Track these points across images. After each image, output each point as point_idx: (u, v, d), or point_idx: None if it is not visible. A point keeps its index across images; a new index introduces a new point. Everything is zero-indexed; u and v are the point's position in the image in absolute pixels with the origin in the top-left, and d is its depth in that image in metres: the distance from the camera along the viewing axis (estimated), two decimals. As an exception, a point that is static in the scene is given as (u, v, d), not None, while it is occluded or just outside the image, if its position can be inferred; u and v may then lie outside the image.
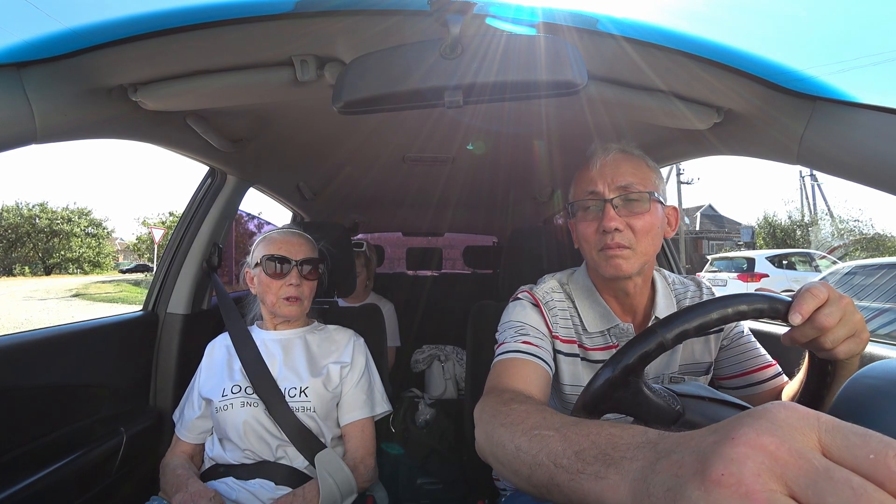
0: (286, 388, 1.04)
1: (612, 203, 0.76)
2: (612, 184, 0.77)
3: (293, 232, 1.15)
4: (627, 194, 0.77)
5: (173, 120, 0.99)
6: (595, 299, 0.85)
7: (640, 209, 0.77)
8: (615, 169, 0.78)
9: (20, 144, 0.67)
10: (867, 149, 0.66)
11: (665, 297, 0.86)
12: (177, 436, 1.10)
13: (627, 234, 0.76)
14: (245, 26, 0.68)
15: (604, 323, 0.84)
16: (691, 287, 0.91)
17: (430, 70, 0.62)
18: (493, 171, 1.87)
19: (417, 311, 2.69)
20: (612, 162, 0.79)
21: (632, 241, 0.76)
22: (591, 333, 0.84)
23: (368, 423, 1.11)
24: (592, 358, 0.85)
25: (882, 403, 0.37)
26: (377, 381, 1.18)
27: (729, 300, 0.54)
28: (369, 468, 1.06)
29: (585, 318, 0.85)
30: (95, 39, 0.65)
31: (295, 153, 1.52)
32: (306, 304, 1.13)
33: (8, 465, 0.87)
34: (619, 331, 0.83)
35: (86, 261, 26.24)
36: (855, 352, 0.55)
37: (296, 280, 1.08)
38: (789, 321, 0.54)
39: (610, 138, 1.20)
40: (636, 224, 0.76)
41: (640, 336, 0.54)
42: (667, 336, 0.52)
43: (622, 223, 0.76)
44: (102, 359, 1.13)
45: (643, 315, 0.85)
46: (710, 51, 0.69)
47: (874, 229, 18.11)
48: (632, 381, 0.54)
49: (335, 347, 1.15)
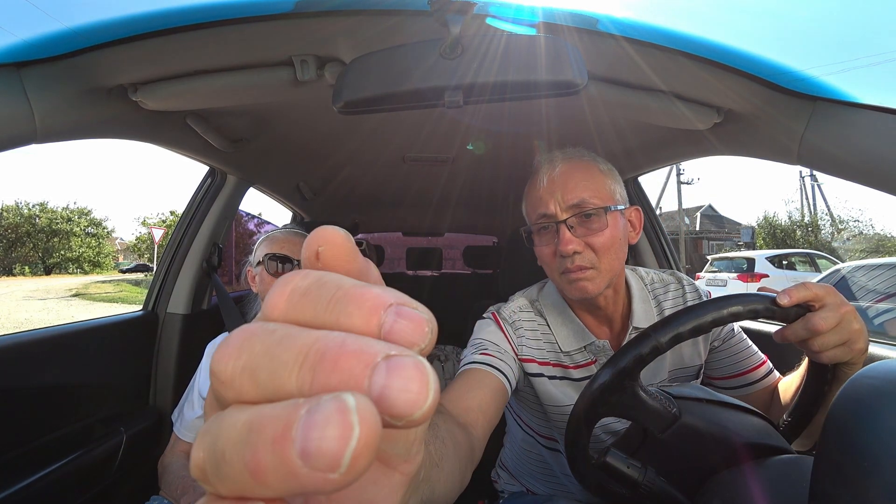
0: None
1: (567, 224, 0.70)
2: (563, 203, 0.71)
3: (295, 232, 1.16)
4: (582, 211, 0.70)
5: (173, 120, 0.99)
6: (567, 316, 0.80)
7: (597, 226, 0.71)
8: (564, 185, 0.72)
9: (20, 144, 0.66)
10: (867, 149, 0.66)
11: (642, 301, 0.80)
12: (176, 435, 1.10)
13: (588, 254, 0.70)
14: (245, 26, 0.68)
15: (578, 341, 0.79)
16: (672, 284, 0.85)
17: (430, 70, 0.62)
18: (493, 171, 1.87)
19: None
20: (561, 176, 0.72)
21: (594, 261, 0.71)
22: (569, 352, 0.79)
23: None
24: (575, 376, 0.79)
25: (882, 403, 0.37)
26: None
27: (723, 302, 0.54)
28: None
29: (559, 336, 0.79)
30: (95, 39, 0.65)
31: (295, 153, 1.52)
32: None
33: (8, 465, 0.87)
34: (595, 348, 0.78)
35: (86, 260, 26.25)
36: (842, 359, 0.55)
37: None
38: (777, 301, 0.54)
39: (610, 138, 1.19)
40: (595, 242, 0.70)
41: (635, 340, 0.54)
42: (661, 339, 0.52)
43: (580, 244, 0.70)
44: (102, 359, 1.13)
45: (620, 325, 0.80)
46: (710, 51, 0.69)
47: (874, 229, 18.13)
48: (627, 386, 0.54)
49: None
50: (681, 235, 20.35)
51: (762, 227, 23.21)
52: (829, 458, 0.37)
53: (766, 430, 0.56)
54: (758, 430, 0.55)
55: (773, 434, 0.56)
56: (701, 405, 0.57)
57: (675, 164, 9.17)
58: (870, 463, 0.34)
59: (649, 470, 0.53)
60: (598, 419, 0.57)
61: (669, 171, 22.04)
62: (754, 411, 0.59)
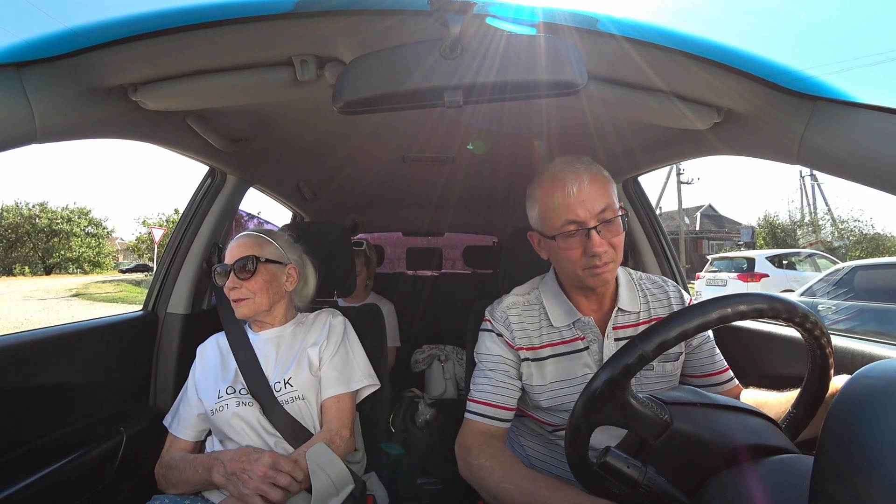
0: (273, 384, 1.05)
1: (597, 230, 0.82)
2: (591, 211, 0.82)
3: (239, 236, 1.15)
4: (606, 218, 0.83)
5: (173, 120, 0.99)
6: (560, 299, 0.95)
7: (617, 228, 0.84)
8: (591, 195, 0.83)
9: (20, 144, 0.67)
10: (867, 149, 0.66)
11: (628, 289, 0.95)
12: (173, 435, 1.09)
13: (610, 251, 0.84)
14: (245, 26, 0.68)
15: (567, 318, 0.92)
16: (657, 282, 1.00)
17: (430, 70, 0.62)
18: (493, 171, 1.87)
19: (417, 311, 2.69)
20: (588, 187, 0.83)
21: (613, 256, 0.85)
22: (560, 328, 0.93)
23: (345, 397, 1.11)
24: (563, 351, 0.92)
25: (882, 403, 0.37)
26: (358, 356, 1.17)
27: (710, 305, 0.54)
28: (345, 439, 1.06)
29: (553, 315, 0.94)
30: (95, 39, 0.65)
31: (295, 153, 1.52)
32: (259, 300, 1.09)
33: (8, 465, 0.87)
34: (581, 324, 0.92)
35: (86, 260, 26.25)
36: None
37: (231, 283, 1.08)
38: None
39: (610, 138, 1.20)
40: (616, 242, 0.85)
41: (622, 350, 0.55)
42: (646, 349, 0.53)
43: (606, 245, 0.83)
44: (102, 359, 1.13)
45: (608, 306, 0.94)
46: (710, 51, 0.69)
47: (874, 229, 18.13)
48: (618, 395, 0.54)
49: (313, 331, 1.16)
50: (681, 235, 20.35)
51: (762, 227, 23.21)
52: (829, 458, 0.37)
53: (763, 430, 0.56)
54: (754, 431, 0.55)
55: (772, 433, 0.56)
56: (693, 410, 0.57)
57: (675, 164, 9.17)
58: (870, 463, 0.34)
59: (649, 469, 0.53)
60: (592, 429, 0.57)
61: (669, 171, 22.06)
62: (751, 410, 0.59)
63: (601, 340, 0.90)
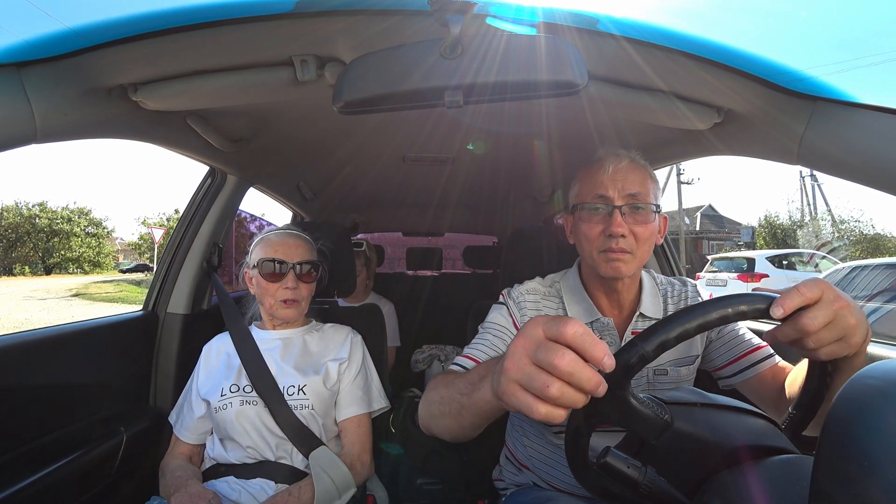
0: (285, 387, 1.04)
1: (621, 210, 0.81)
2: (622, 191, 0.82)
3: (290, 233, 1.15)
4: (635, 203, 0.82)
5: (173, 120, 0.99)
6: (581, 296, 0.92)
7: (644, 219, 0.83)
8: (626, 177, 0.83)
9: (20, 144, 0.66)
10: (867, 149, 0.66)
11: (651, 294, 0.92)
12: (176, 436, 1.10)
13: (630, 239, 0.81)
14: (245, 26, 0.68)
15: (587, 316, 0.89)
16: (677, 285, 0.99)
17: (431, 70, 0.62)
18: (493, 171, 1.87)
19: (417, 311, 2.69)
20: (624, 170, 0.83)
21: (633, 247, 0.82)
22: None
23: (365, 419, 1.11)
24: None
25: (882, 403, 0.37)
26: (375, 377, 1.19)
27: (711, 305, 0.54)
28: (365, 465, 1.07)
29: (571, 312, 0.91)
30: (95, 39, 0.65)
31: (295, 153, 1.52)
32: (304, 305, 1.13)
33: (8, 465, 0.87)
34: (600, 325, 0.89)
35: (86, 260, 26.24)
36: (839, 354, 0.54)
37: (292, 283, 1.08)
38: (770, 314, 0.52)
39: (610, 138, 1.20)
40: (639, 231, 0.82)
41: (622, 350, 0.54)
42: (647, 348, 0.52)
43: (627, 229, 0.81)
44: (102, 359, 1.13)
45: (629, 310, 0.91)
46: (710, 51, 0.69)
47: (874, 229, 18.12)
48: (618, 395, 0.54)
49: (333, 345, 1.16)
50: (681, 235, 20.34)
51: (762, 227, 23.20)
52: (829, 458, 0.37)
53: (763, 430, 0.56)
54: (754, 431, 0.55)
55: (772, 433, 0.56)
56: (694, 410, 0.57)
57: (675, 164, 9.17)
58: (870, 463, 0.34)
59: (649, 469, 0.53)
60: (593, 430, 0.57)
61: (669, 171, 22.02)
62: (752, 411, 0.58)
63: (618, 344, 0.88)
